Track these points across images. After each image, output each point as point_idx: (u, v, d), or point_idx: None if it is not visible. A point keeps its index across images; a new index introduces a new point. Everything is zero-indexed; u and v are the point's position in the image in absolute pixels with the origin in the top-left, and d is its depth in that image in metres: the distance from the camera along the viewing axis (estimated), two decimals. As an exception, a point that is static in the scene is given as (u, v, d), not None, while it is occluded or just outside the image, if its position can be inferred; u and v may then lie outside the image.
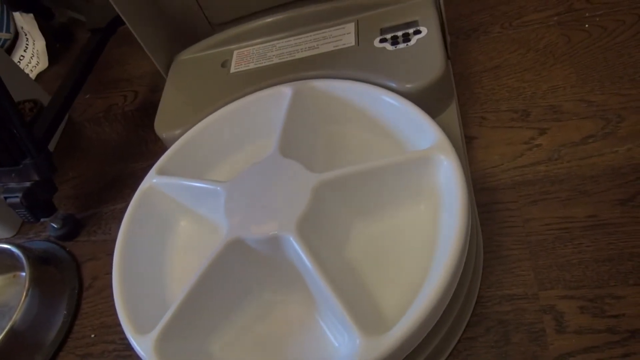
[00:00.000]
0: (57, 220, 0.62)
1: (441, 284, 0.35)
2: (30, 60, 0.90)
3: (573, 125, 0.50)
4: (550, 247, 0.44)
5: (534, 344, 0.40)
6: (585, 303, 0.40)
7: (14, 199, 0.55)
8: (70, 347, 0.54)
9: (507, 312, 0.42)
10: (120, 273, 0.45)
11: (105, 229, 0.63)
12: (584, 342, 0.39)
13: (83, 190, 0.68)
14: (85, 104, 0.79)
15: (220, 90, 0.55)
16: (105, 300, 0.56)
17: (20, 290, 0.59)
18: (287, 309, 0.42)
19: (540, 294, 0.42)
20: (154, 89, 0.75)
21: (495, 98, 0.55)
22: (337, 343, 0.39)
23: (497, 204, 0.48)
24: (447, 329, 0.40)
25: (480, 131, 0.53)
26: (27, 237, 0.66)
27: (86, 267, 0.61)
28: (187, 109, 0.56)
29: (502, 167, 0.50)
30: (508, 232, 0.46)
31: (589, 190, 0.46)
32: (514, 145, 0.51)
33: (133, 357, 0.51)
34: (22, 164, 0.55)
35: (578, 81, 0.53)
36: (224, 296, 0.41)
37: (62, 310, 0.57)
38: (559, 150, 0.49)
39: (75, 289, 0.58)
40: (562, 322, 0.40)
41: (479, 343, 0.41)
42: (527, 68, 0.56)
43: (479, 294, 0.43)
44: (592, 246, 0.43)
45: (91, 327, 0.55)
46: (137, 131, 0.72)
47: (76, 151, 0.74)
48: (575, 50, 0.55)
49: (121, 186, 0.66)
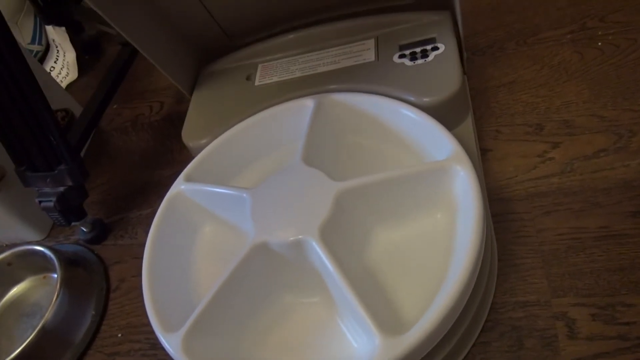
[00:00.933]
0: (86, 224, 0.65)
1: (457, 289, 0.37)
2: (61, 71, 0.94)
3: (585, 139, 0.52)
4: (562, 256, 0.45)
5: (546, 349, 0.41)
6: (597, 310, 0.42)
7: (48, 203, 0.58)
8: (98, 346, 0.57)
9: (521, 318, 0.43)
10: (149, 274, 0.47)
11: (132, 233, 0.65)
12: (595, 348, 0.40)
13: (110, 196, 0.71)
14: (113, 113, 0.82)
15: (246, 102, 0.58)
16: (131, 302, 0.59)
17: (50, 290, 0.62)
18: (308, 310, 0.44)
19: (552, 301, 0.43)
20: (179, 100, 0.79)
21: (510, 112, 0.57)
22: (356, 344, 0.41)
23: (512, 214, 0.49)
24: (462, 333, 0.42)
25: (495, 144, 0.54)
26: (57, 240, 0.69)
27: (113, 270, 0.63)
28: (214, 119, 0.58)
29: (516, 178, 0.51)
30: (522, 241, 0.47)
31: (601, 202, 0.47)
32: (528, 157, 0.52)
33: (158, 356, 0.53)
34: (57, 170, 0.58)
35: (591, 97, 0.54)
36: (248, 297, 0.44)
37: (91, 311, 0.59)
38: (571, 163, 0.50)
39: (103, 290, 0.61)
40: (574, 328, 0.42)
41: (493, 347, 0.43)
42: (542, 84, 0.58)
43: (493, 300, 0.45)
44: (604, 256, 0.44)
45: (118, 327, 0.57)
46: (163, 140, 0.75)
47: (104, 159, 0.77)
48: (589, 67, 0.57)
49: (148, 193, 0.69)
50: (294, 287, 0.45)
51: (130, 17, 0.55)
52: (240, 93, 0.60)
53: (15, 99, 0.53)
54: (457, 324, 0.39)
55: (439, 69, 0.51)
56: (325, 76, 0.56)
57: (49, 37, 0.96)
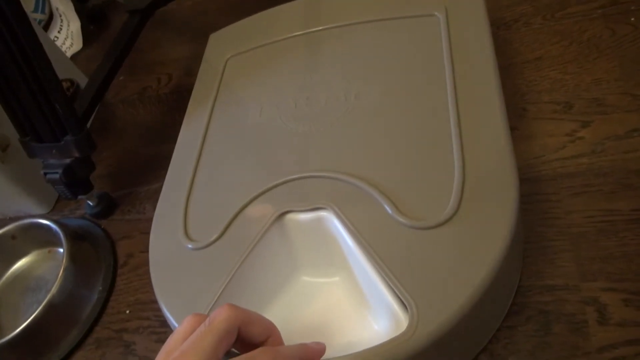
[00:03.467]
0: (93, 198, 0.63)
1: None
2: (65, 41, 0.91)
3: (617, 118, 0.49)
4: (592, 240, 0.43)
5: (575, 334, 0.40)
6: (629, 296, 0.40)
7: (54, 175, 0.56)
8: (106, 322, 0.55)
9: (548, 302, 0.42)
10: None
11: (140, 208, 0.64)
12: (627, 335, 0.39)
13: (117, 170, 0.69)
14: (119, 85, 0.80)
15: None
16: (140, 278, 0.57)
17: (56, 265, 0.60)
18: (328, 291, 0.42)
19: (582, 285, 0.42)
20: (188, 72, 0.76)
21: (536, 90, 0.54)
22: (377, 326, 0.39)
23: (538, 194, 0.47)
24: (487, 316, 0.40)
25: (521, 122, 0.52)
26: (62, 214, 0.68)
27: (120, 245, 0.61)
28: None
29: (543, 158, 0.49)
30: (549, 223, 0.45)
31: (633, 184, 0.45)
32: (556, 137, 0.50)
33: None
34: (63, 141, 0.56)
35: (622, 74, 0.52)
36: (268, 276, 0.42)
37: (98, 286, 0.58)
38: (602, 143, 0.48)
39: (111, 265, 0.59)
40: (604, 314, 0.40)
41: (519, 332, 0.41)
42: (570, 60, 0.55)
43: (519, 284, 0.43)
44: (636, 240, 0.42)
45: (126, 304, 0.56)
46: (171, 114, 0.72)
47: (110, 131, 0.74)
48: (620, 43, 0.54)
49: (155, 167, 0.67)
50: (314, 266, 0.43)
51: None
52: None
53: (20, 65, 0.50)
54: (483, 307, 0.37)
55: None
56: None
57: (52, 6, 0.93)
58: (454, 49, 0.48)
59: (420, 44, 0.50)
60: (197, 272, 0.42)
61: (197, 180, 0.49)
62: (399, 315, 0.36)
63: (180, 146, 0.54)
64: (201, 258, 0.43)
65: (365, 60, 0.51)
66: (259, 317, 0.32)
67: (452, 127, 0.42)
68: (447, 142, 0.42)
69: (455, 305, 0.34)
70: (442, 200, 0.39)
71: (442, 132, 0.43)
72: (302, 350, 0.33)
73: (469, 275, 0.35)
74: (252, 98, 0.54)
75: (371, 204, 0.40)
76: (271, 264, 0.42)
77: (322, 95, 0.50)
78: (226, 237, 0.43)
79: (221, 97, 0.56)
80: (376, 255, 0.37)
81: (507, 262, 0.36)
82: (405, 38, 0.51)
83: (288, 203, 0.42)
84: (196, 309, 0.40)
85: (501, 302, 0.41)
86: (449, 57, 0.47)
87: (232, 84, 0.57)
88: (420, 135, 0.43)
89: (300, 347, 0.33)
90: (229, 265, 0.41)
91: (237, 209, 0.44)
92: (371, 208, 0.40)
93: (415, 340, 0.33)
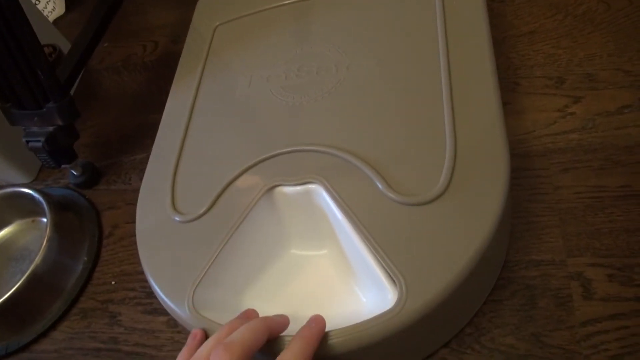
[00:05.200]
0: (77, 168, 0.61)
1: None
2: (47, 5, 0.88)
3: (609, 94, 0.49)
4: (580, 215, 0.44)
5: (560, 309, 0.40)
6: (614, 271, 0.41)
7: (36, 143, 0.55)
8: (91, 293, 0.55)
9: (534, 277, 0.42)
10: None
11: (125, 178, 0.62)
12: (610, 309, 0.39)
13: (102, 139, 0.68)
14: (103, 52, 0.78)
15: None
16: (125, 249, 0.57)
17: (39, 235, 0.60)
18: (316, 264, 0.42)
19: (568, 260, 0.42)
20: (175, 39, 0.74)
21: (529, 64, 0.54)
22: (364, 298, 0.39)
23: (528, 170, 0.47)
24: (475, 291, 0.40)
25: (513, 97, 0.52)
26: (45, 183, 0.66)
27: (105, 216, 0.60)
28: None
29: (534, 133, 0.49)
30: (538, 198, 0.46)
31: (622, 161, 0.45)
32: (547, 112, 0.50)
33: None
34: (45, 108, 0.54)
35: (616, 50, 0.51)
36: (256, 250, 0.42)
37: (83, 257, 0.57)
38: (593, 119, 0.48)
39: (95, 236, 0.58)
40: (589, 288, 0.40)
41: (504, 306, 0.42)
42: (564, 34, 0.54)
43: (506, 259, 0.43)
44: (624, 216, 0.43)
45: (111, 275, 0.55)
46: (157, 82, 0.70)
47: (94, 99, 0.73)
48: (615, 18, 0.54)
49: (141, 137, 0.65)
50: (302, 239, 0.43)
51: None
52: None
53: (0, 29, 0.48)
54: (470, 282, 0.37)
55: None
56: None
57: (32, -33, 0.90)
58: (448, 22, 0.47)
59: (414, 16, 0.49)
60: (185, 245, 0.42)
61: (184, 152, 0.48)
62: (387, 289, 0.36)
63: (168, 116, 0.53)
64: (189, 231, 0.42)
65: (358, 31, 0.50)
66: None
67: (444, 102, 0.42)
68: (440, 117, 0.41)
69: (443, 282, 0.35)
70: (433, 177, 0.38)
71: (435, 107, 0.42)
72: (261, 324, 0.33)
73: (458, 252, 0.35)
74: (241, 68, 0.52)
75: (361, 179, 0.40)
76: (260, 237, 0.42)
77: (313, 66, 0.48)
78: (214, 210, 0.42)
79: (209, 67, 0.54)
80: (365, 230, 0.37)
81: (496, 238, 0.37)
82: (399, 9, 0.50)
83: (277, 176, 0.42)
84: (184, 282, 0.39)
85: (488, 277, 0.41)
86: (442, 30, 0.46)
87: (221, 53, 0.55)
88: (412, 110, 0.43)
89: (259, 321, 0.33)
90: (218, 238, 0.40)
91: (226, 181, 0.43)
92: (361, 183, 0.39)
93: (403, 316, 0.34)
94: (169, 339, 0.49)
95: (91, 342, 0.51)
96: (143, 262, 0.43)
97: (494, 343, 0.40)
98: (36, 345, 0.53)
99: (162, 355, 0.48)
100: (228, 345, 0.30)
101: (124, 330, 0.51)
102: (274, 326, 0.34)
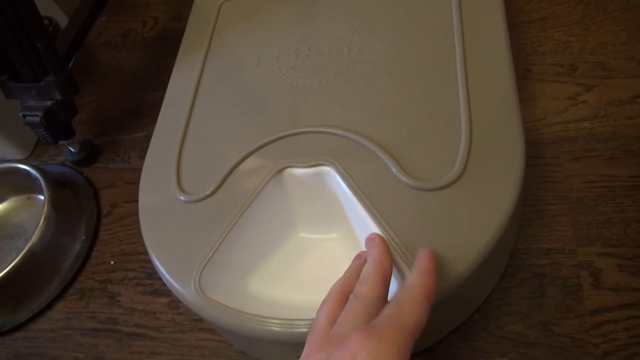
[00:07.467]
0: (75, 144, 0.60)
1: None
2: (41, -25, 0.85)
3: (621, 83, 0.49)
4: (591, 205, 0.43)
5: (569, 297, 0.40)
6: (624, 261, 0.41)
7: (34, 117, 0.53)
8: (89, 273, 0.54)
9: (543, 265, 0.42)
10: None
11: (124, 157, 0.61)
12: (620, 299, 0.39)
13: (100, 116, 0.66)
14: (102, 27, 0.75)
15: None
16: (124, 228, 0.55)
17: (36, 212, 0.58)
18: (325, 247, 0.41)
19: (578, 249, 0.42)
20: (176, 16, 0.72)
21: (541, 51, 0.53)
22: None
23: (538, 158, 0.47)
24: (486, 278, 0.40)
25: (524, 84, 0.51)
26: (41, 160, 0.65)
27: (104, 194, 0.59)
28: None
29: (545, 121, 0.49)
30: (548, 187, 0.45)
31: (634, 151, 0.45)
32: (558, 100, 0.49)
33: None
34: (44, 81, 0.52)
35: (629, 39, 0.51)
36: (264, 232, 0.41)
37: (81, 236, 0.56)
38: (605, 108, 0.48)
39: (94, 215, 0.57)
40: (599, 278, 0.40)
41: (513, 293, 0.41)
42: (576, 22, 0.54)
43: (515, 247, 0.43)
44: (635, 206, 0.42)
45: (110, 254, 0.54)
46: (157, 60, 0.69)
47: (92, 75, 0.71)
48: (629, 6, 0.53)
49: (141, 114, 0.64)
50: (311, 222, 0.42)
51: None
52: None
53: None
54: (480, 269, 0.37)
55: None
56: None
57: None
58: (463, 3, 0.46)
59: (428, -3, 0.48)
60: (191, 225, 0.41)
61: (190, 131, 0.47)
62: (399, 275, 0.35)
63: (171, 95, 0.51)
64: (195, 211, 0.41)
65: (370, 11, 0.49)
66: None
67: (459, 86, 0.41)
68: (455, 101, 0.40)
69: (456, 269, 0.34)
70: (447, 162, 0.38)
71: (450, 90, 0.41)
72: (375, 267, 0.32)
73: (471, 240, 0.35)
74: (249, 47, 0.51)
75: (375, 163, 0.39)
76: (268, 219, 0.41)
77: (325, 46, 0.47)
78: (222, 191, 0.41)
79: (215, 45, 0.53)
80: (378, 214, 0.36)
81: (509, 226, 0.36)
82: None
83: (287, 158, 0.41)
84: (190, 263, 0.38)
85: (499, 265, 0.41)
86: (458, 11, 0.45)
87: (227, 31, 0.54)
88: (427, 93, 0.42)
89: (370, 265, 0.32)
90: (225, 219, 0.39)
91: (234, 162, 0.42)
92: (375, 167, 0.39)
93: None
94: (170, 321, 0.48)
95: (89, 322, 0.50)
96: (146, 241, 0.42)
97: (502, 330, 0.40)
98: (32, 324, 0.52)
99: (162, 337, 0.47)
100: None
101: (124, 310, 0.50)
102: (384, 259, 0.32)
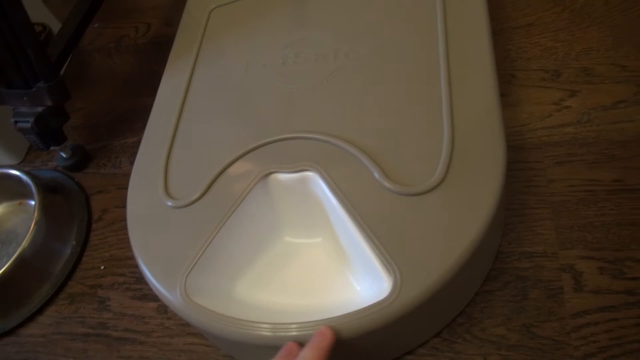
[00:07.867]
0: (66, 150, 0.60)
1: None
2: (35, -18, 0.85)
3: (605, 89, 0.49)
4: (573, 209, 0.44)
5: (551, 300, 0.41)
6: (605, 264, 0.41)
7: (25, 123, 0.54)
8: (79, 278, 0.54)
9: (526, 268, 0.42)
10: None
11: (116, 162, 0.62)
12: (601, 302, 0.40)
13: (92, 122, 0.66)
14: (94, 32, 0.76)
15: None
16: (115, 234, 0.56)
17: (27, 218, 0.59)
18: (309, 252, 0.42)
19: (560, 253, 0.42)
20: (168, 22, 0.73)
21: (526, 56, 0.54)
22: (359, 287, 0.39)
23: (522, 162, 0.47)
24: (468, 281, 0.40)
25: (509, 89, 0.52)
26: (33, 165, 0.65)
27: (95, 200, 0.60)
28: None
29: (529, 126, 0.49)
30: (531, 191, 0.46)
31: (616, 155, 0.45)
32: (542, 105, 0.50)
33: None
34: (35, 88, 0.53)
35: (613, 44, 0.52)
36: (250, 237, 0.41)
37: (71, 241, 0.56)
38: (588, 113, 0.48)
39: (84, 220, 0.58)
40: (580, 281, 0.41)
41: (496, 296, 0.42)
42: (561, 28, 0.54)
43: (498, 250, 0.44)
44: (616, 210, 0.43)
45: (100, 259, 0.55)
46: (149, 65, 0.69)
47: (84, 81, 0.71)
48: (613, 12, 0.54)
49: (132, 120, 0.64)
50: (297, 227, 0.42)
51: None
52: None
53: (-13, 4, 0.47)
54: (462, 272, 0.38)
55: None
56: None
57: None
58: (448, 11, 0.46)
59: (413, 3, 0.48)
60: (177, 231, 0.41)
61: (178, 137, 0.47)
62: (382, 278, 0.36)
63: (160, 100, 0.52)
64: (182, 216, 0.42)
65: (356, 19, 0.49)
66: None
67: (442, 93, 0.42)
68: (437, 107, 0.41)
69: (438, 272, 0.35)
70: (429, 167, 0.38)
71: (432, 97, 0.42)
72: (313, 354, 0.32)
73: (453, 243, 0.35)
74: (238, 53, 0.52)
75: (358, 168, 0.39)
76: (254, 224, 0.41)
77: (311, 52, 0.48)
78: (208, 196, 0.42)
79: (204, 51, 0.54)
80: (361, 219, 0.37)
81: (491, 230, 0.37)
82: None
83: (273, 164, 0.41)
84: (176, 268, 0.39)
85: (482, 268, 0.41)
86: (442, 19, 0.46)
87: (216, 37, 0.55)
88: (410, 100, 0.43)
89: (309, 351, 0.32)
90: (211, 224, 0.40)
91: (220, 167, 0.42)
92: (358, 172, 0.39)
93: (397, 305, 0.34)
94: (159, 325, 0.48)
95: (79, 327, 0.50)
96: (134, 246, 0.43)
97: (485, 333, 0.41)
98: (23, 329, 0.52)
99: (151, 341, 0.48)
100: None
101: (113, 315, 0.50)
102: (324, 346, 0.33)
